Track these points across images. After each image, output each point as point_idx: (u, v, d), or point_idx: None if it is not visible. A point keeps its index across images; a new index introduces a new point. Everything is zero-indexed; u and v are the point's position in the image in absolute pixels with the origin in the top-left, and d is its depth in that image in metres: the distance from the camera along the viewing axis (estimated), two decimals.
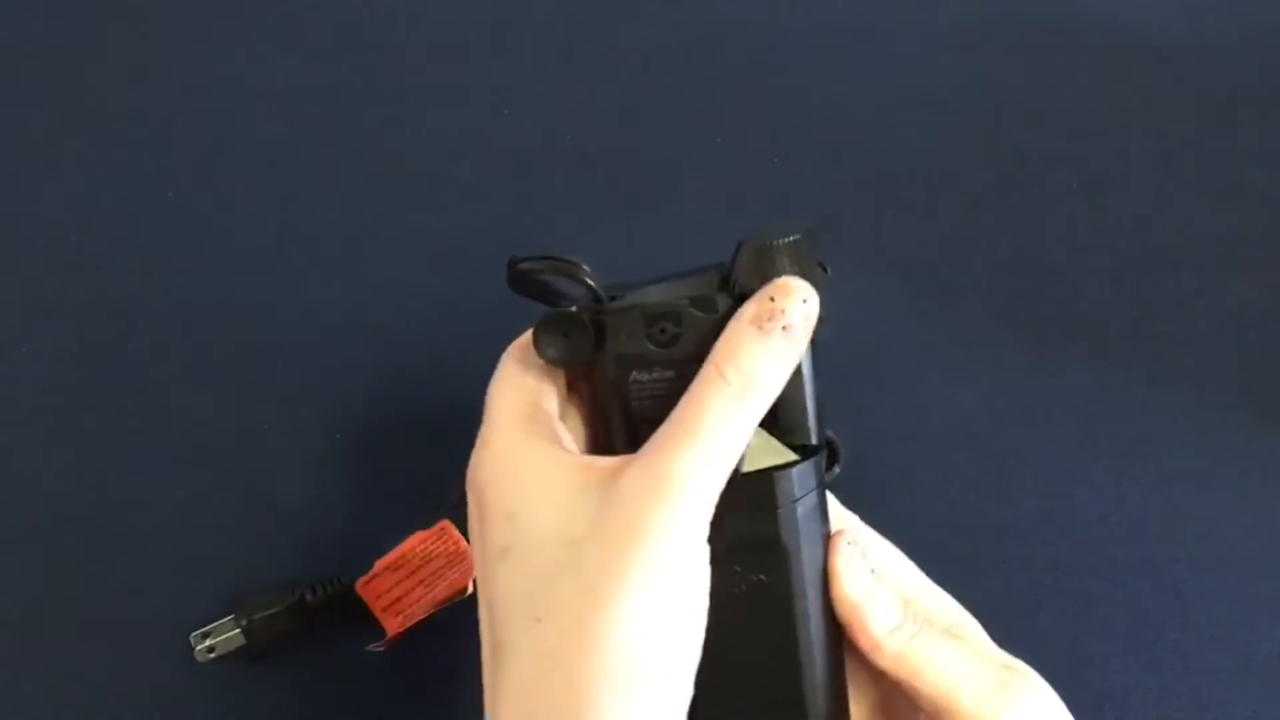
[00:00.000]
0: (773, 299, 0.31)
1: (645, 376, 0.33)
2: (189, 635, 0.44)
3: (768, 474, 0.33)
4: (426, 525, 0.45)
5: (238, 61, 0.58)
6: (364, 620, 0.44)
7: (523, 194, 0.55)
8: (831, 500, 0.36)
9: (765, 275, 0.32)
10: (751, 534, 0.33)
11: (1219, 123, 0.57)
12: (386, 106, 0.57)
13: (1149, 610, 0.46)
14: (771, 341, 0.31)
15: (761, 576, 0.33)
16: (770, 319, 0.31)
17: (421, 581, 0.44)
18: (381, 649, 0.44)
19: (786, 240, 0.32)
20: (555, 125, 0.56)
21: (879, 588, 0.33)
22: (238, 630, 0.44)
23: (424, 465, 0.48)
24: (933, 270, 0.53)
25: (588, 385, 0.35)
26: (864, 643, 0.33)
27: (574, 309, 0.34)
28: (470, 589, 0.44)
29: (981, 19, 0.59)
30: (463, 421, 0.49)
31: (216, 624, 0.44)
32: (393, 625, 0.43)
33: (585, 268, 0.33)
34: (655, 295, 0.33)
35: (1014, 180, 0.55)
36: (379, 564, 0.44)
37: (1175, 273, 0.53)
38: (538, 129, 0.56)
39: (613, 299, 0.34)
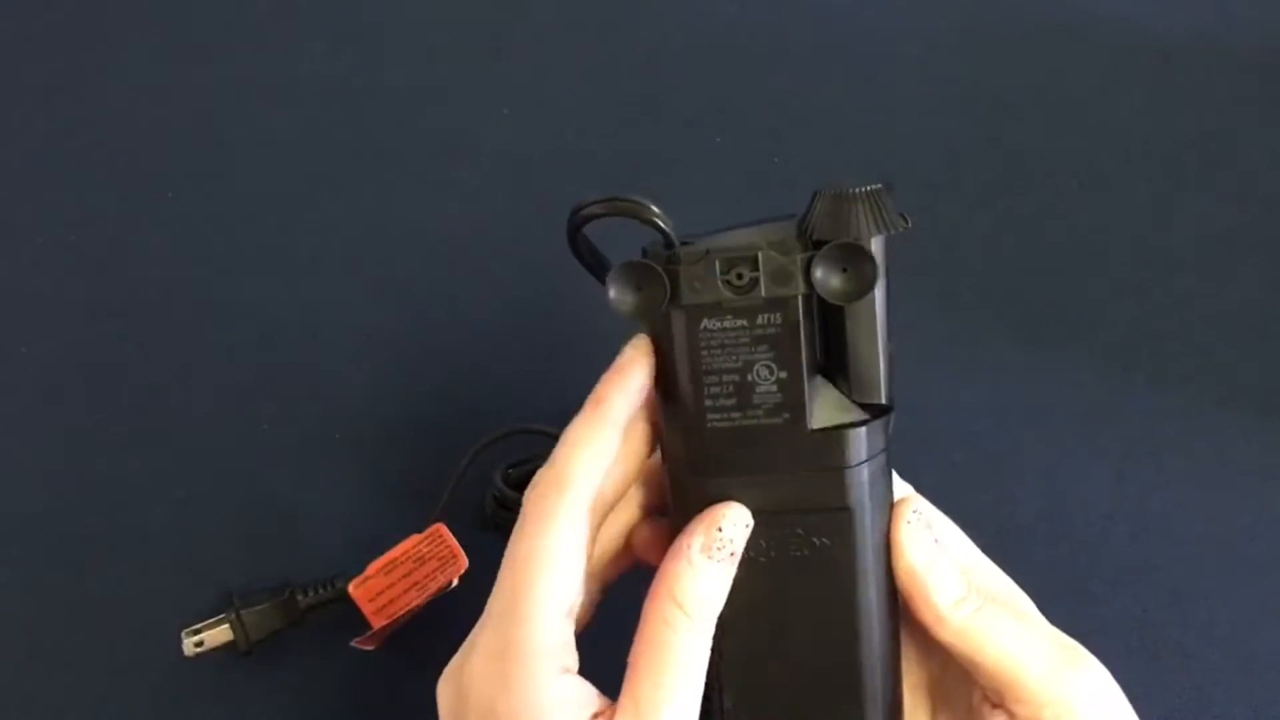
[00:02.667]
0: (720, 529, 0.32)
1: (716, 325, 0.32)
2: (180, 631, 0.44)
3: (838, 432, 0.32)
4: (420, 528, 0.45)
5: (238, 61, 0.58)
6: (356, 621, 0.44)
7: (523, 194, 0.55)
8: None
9: (842, 224, 0.31)
10: (817, 494, 0.32)
11: (1220, 123, 0.57)
12: (386, 106, 0.57)
13: (1149, 610, 0.46)
14: (721, 567, 0.32)
15: (825, 540, 0.32)
16: (720, 548, 0.32)
17: (415, 584, 0.44)
18: (370, 647, 0.43)
19: (865, 189, 0.32)
20: (555, 125, 0.56)
21: (943, 558, 0.33)
22: (227, 626, 0.44)
23: (420, 468, 0.48)
24: (933, 270, 0.53)
25: (653, 337, 0.34)
26: (926, 614, 0.33)
27: (645, 259, 0.33)
28: (454, 583, 0.44)
29: (981, 19, 0.59)
30: (461, 424, 0.50)
31: (207, 621, 0.44)
32: (379, 622, 0.43)
33: (654, 208, 0.32)
34: (729, 241, 0.32)
35: (1014, 180, 0.55)
36: (372, 566, 0.44)
37: (1175, 273, 0.53)
38: (538, 129, 0.56)
39: (684, 244, 0.33)
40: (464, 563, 0.44)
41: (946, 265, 0.53)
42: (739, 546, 0.32)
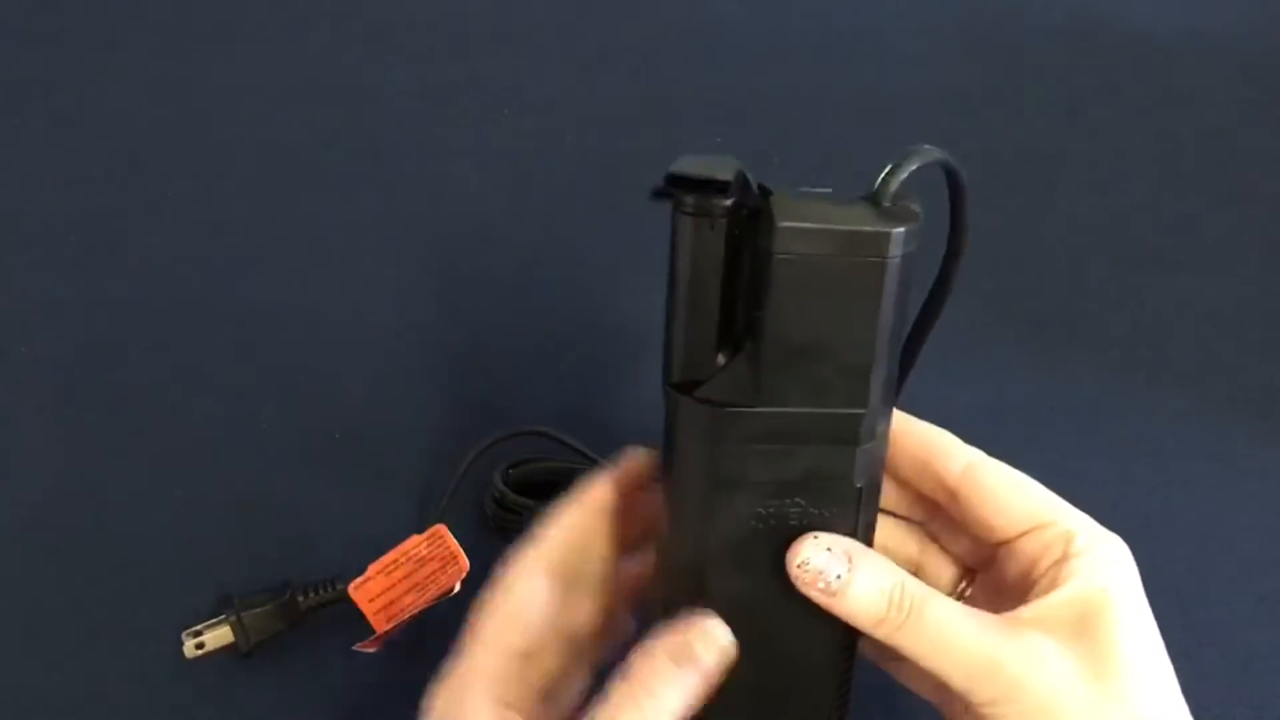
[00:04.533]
0: (684, 635, 0.32)
1: None
2: (181, 633, 0.44)
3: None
4: (421, 529, 0.45)
5: (238, 61, 0.58)
6: (356, 623, 0.44)
7: (523, 194, 0.55)
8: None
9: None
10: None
11: (1219, 123, 0.57)
12: (387, 106, 0.57)
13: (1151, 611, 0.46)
14: (685, 676, 0.32)
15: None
16: (683, 657, 0.32)
17: (415, 585, 0.44)
18: (370, 649, 0.43)
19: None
20: (555, 125, 0.56)
21: (842, 594, 0.33)
22: (228, 627, 0.44)
23: (420, 468, 0.48)
24: (933, 270, 0.53)
25: None
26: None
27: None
28: (457, 588, 0.44)
29: (982, 19, 0.59)
30: (461, 424, 0.49)
31: (207, 622, 0.44)
32: (381, 625, 0.43)
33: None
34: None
35: (1014, 180, 0.55)
36: (372, 567, 0.44)
37: (1175, 273, 0.53)
38: (538, 129, 0.56)
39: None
40: (465, 564, 0.44)
41: None
42: (702, 658, 0.32)
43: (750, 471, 0.32)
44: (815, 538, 0.33)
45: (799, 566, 0.33)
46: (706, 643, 0.33)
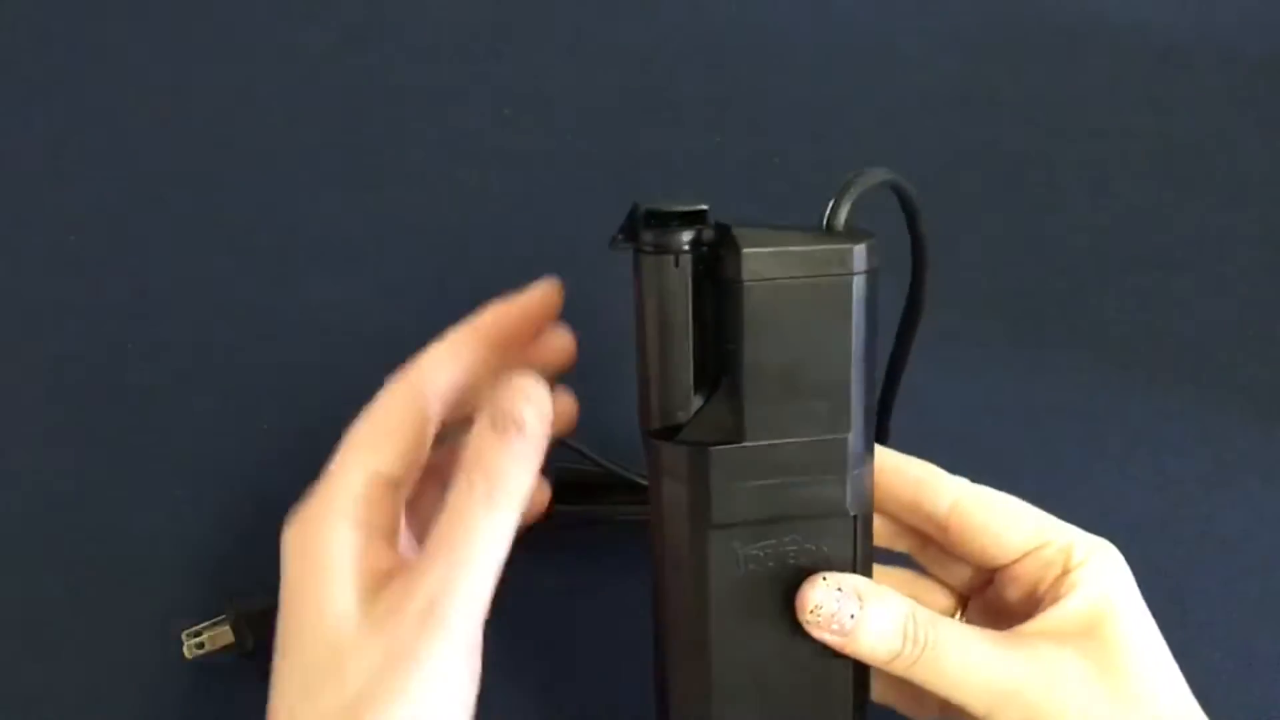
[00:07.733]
0: (503, 404, 0.31)
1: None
2: (181, 633, 0.44)
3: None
4: None
5: (238, 62, 0.58)
6: None
7: (523, 194, 0.55)
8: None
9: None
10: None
11: (1219, 123, 0.57)
12: (386, 106, 0.57)
13: (1149, 610, 0.46)
14: (511, 443, 0.31)
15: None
16: (504, 422, 0.31)
17: None
18: None
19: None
20: (555, 125, 0.56)
21: (864, 619, 0.32)
22: (228, 627, 0.44)
23: None
24: (932, 270, 0.53)
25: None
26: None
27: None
28: None
29: (981, 19, 0.59)
30: None
31: (207, 622, 0.44)
32: None
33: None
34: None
35: (1014, 180, 0.55)
36: None
37: (1175, 273, 0.53)
38: (538, 129, 0.56)
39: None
40: None
41: (946, 265, 0.53)
42: (525, 421, 0.31)
43: (742, 510, 0.31)
44: (824, 579, 0.32)
45: (811, 612, 0.32)
46: (526, 401, 0.31)
